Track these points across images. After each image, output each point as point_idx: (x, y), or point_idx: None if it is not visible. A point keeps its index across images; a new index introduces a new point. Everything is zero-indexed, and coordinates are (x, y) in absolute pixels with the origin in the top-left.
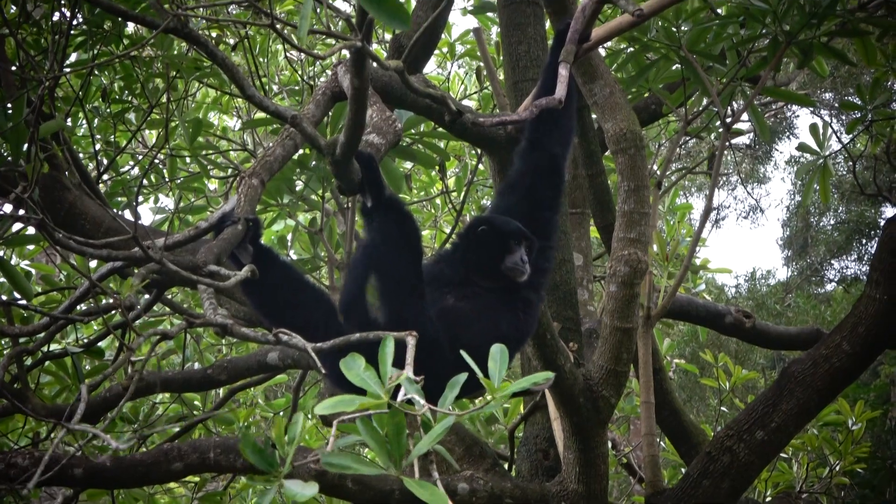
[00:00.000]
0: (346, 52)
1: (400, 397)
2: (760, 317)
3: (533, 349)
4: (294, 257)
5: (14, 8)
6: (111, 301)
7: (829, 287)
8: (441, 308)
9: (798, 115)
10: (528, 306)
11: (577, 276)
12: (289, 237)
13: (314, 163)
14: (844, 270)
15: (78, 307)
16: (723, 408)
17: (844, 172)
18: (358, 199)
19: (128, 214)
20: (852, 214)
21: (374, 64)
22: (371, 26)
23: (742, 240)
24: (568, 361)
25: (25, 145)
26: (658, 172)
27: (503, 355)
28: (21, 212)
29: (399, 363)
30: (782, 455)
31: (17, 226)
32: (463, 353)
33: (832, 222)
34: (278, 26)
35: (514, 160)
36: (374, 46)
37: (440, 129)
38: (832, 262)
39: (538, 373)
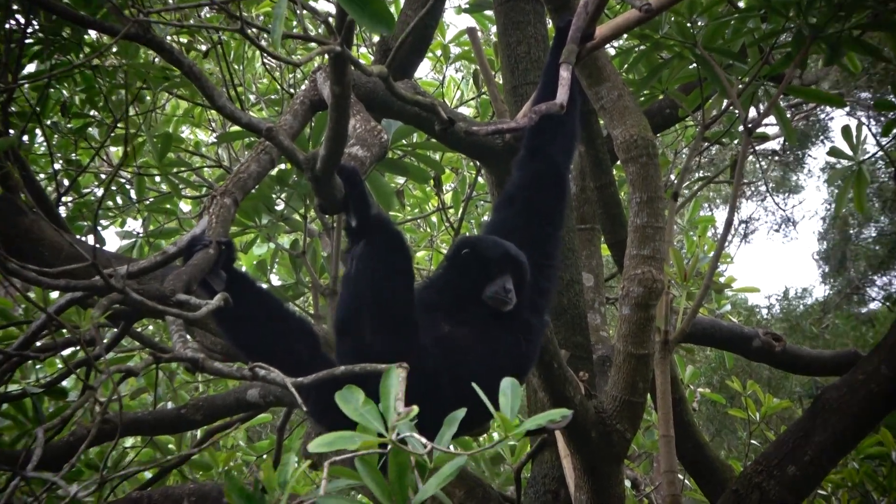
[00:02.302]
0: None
1: (394, 436)
2: (795, 340)
3: (539, 379)
4: (276, 283)
5: None
6: (71, 336)
7: (873, 306)
8: (435, 336)
9: (832, 118)
10: (530, 332)
11: (588, 299)
12: (269, 261)
13: (294, 179)
14: (888, 287)
15: (37, 342)
16: (753, 441)
17: (885, 178)
18: (343, 218)
19: (91, 239)
20: (895, 225)
21: (357, 70)
22: (352, 28)
23: (774, 255)
24: (578, 392)
25: None
26: (675, 182)
27: (515, 389)
28: None
29: None
30: (820, 492)
31: None
32: (475, 385)
33: (873, 234)
34: (250, 31)
35: (512, 171)
36: (362, 50)
37: (434, 140)
38: (874, 278)
39: (553, 410)
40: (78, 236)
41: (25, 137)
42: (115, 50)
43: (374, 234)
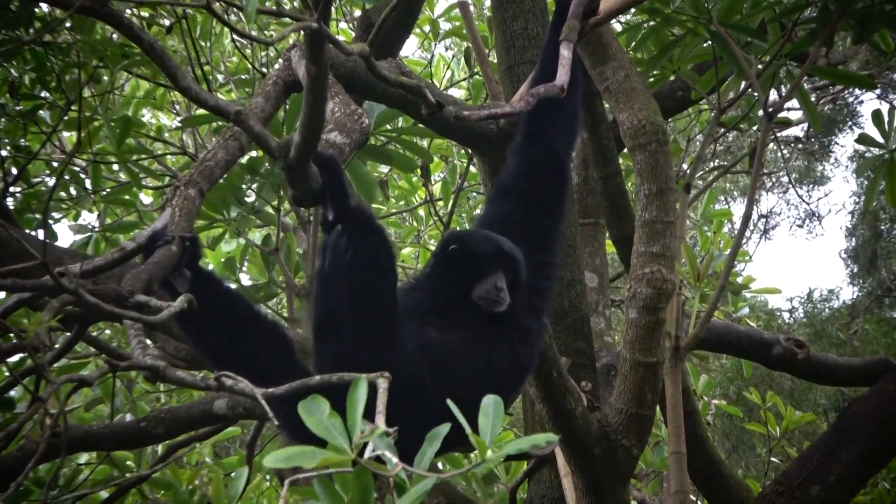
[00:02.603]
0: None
1: (368, 453)
2: (821, 347)
3: (537, 390)
4: (246, 283)
5: None
6: (18, 341)
7: None
8: (422, 342)
9: (861, 101)
10: (527, 337)
11: (591, 301)
12: (238, 259)
13: (267, 167)
14: None
15: None
16: (773, 458)
17: None
18: (320, 212)
19: (41, 234)
20: None
21: (335, 48)
22: (330, 2)
23: (797, 253)
24: (580, 404)
25: None
26: (688, 172)
27: (497, 408)
28: None
29: (371, 411)
30: None
31: None
32: (450, 403)
33: None
34: (217, 5)
35: (507, 160)
36: (342, 25)
37: (421, 126)
38: None
39: (538, 434)
40: (27, 231)
41: None
42: (68, 25)
43: (353, 228)
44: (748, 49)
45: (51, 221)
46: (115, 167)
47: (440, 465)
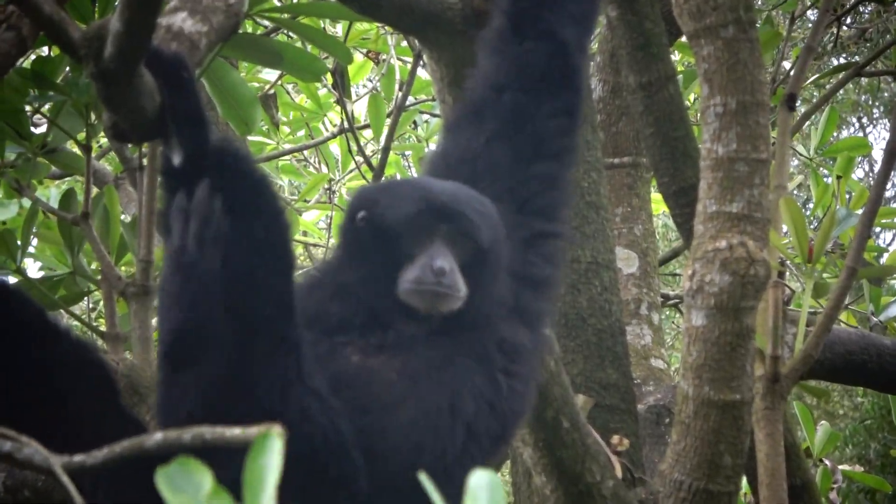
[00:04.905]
0: None
1: None
2: None
3: (535, 451)
4: (35, 274)
5: None
6: None
7: None
8: (336, 374)
9: None
10: (516, 360)
11: (627, 298)
12: (21, 233)
13: (68, 74)
14: None
15: None
16: None
17: None
18: (160, 151)
19: None
20: None
21: None
22: None
23: None
24: (609, 475)
25: None
26: (791, 77)
27: (494, 488)
28: None
29: None
30: None
31: None
32: (422, 478)
33: None
34: None
35: (480, 59)
36: None
37: (332, 1)
38: None
39: None
40: None
41: None
42: None
43: (214, 180)
44: None
45: None
46: None
47: None
